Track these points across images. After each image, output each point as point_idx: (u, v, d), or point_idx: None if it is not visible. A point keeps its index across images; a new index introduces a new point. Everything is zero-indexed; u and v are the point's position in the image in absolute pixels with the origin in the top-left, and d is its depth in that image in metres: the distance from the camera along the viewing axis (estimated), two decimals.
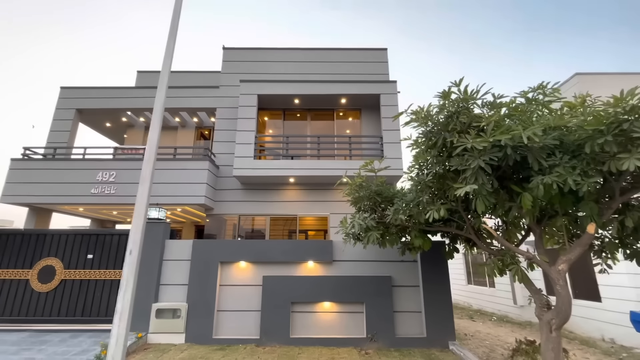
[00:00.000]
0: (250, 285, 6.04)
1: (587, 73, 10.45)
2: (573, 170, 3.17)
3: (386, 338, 5.63)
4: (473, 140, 3.26)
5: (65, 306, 6.17)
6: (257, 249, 6.18)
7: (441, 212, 3.84)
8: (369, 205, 5.02)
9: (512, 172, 3.90)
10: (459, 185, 3.49)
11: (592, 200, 3.52)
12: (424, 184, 4.04)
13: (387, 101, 9.66)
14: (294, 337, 5.67)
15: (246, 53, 11.31)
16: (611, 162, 3.08)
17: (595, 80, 9.93)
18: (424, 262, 6.03)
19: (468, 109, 3.60)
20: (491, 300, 11.84)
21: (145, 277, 5.98)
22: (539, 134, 3.08)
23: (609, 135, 2.93)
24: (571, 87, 10.72)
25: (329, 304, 5.94)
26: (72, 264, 6.40)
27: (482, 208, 3.58)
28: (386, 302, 5.83)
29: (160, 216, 6.42)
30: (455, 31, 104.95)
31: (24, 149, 9.42)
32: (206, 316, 5.77)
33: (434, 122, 3.73)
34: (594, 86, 9.68)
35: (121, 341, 3.15)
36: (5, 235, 6.60)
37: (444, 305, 5.85)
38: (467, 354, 5.07)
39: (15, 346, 5.06)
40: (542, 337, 3.93)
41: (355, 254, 6.17)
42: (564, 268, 3.71)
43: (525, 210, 3.67)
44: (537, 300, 4.05)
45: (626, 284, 6.60)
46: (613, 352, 6.11)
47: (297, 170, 9.00)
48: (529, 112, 3.71)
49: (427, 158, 4.09)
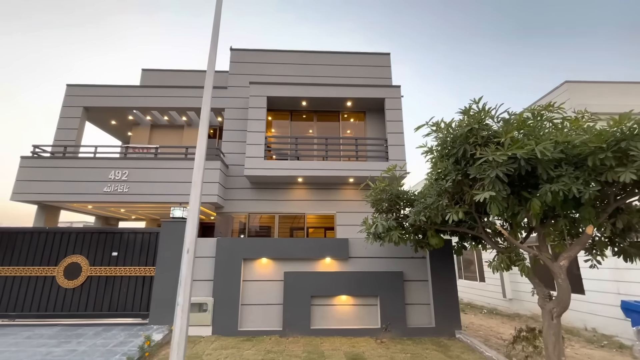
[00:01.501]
0: (271, 280, 6.43)
1: (576, 81, 11.07)
2: (577, 180, 3.69)
3: (398, 328, 6.15)
4: (493, 153, 3.74)
5: (92, 301, 6.42)
6: (278, 247, 6.57)
7: (460, 214, 4.33)
8: (387, 206, 5.50)
9: (520, 180, 4.41)
10: (477, 191, 3.98)
11: (590, 205, 4.06)
12: (443, 190, 4.52)
13: (391, 105, 10.13)
14: (314, 329, 6.12)
15: (253, 54, 11.55)
16: (608, 173, 3.61)
17: (585, 89, 10.54)
18: (432, 258, 6.55)
19: (487, 124, 4.08)
20: (481, 294, 12.60)
21: (173, 273, 6.30)
22: (550, 148, 3.58)
23: (609, 152, 3.45)
24: (560, 94, 11.31)
25: (346, 297, 6.41)
26: (97, 261, 6.64)
27: (496, 211, 4.08)
28: (398, 295, 6.34)
29: (184, 215, 6.71)
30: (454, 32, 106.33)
31: (33, 146, 9.47)
32: (231, 310, 6.14)
33: (455, 135, 4.20)
34: (583, 95, 10.39)
35: (184, 330, 3.50)
36: (29, 234, 6.77)
37: (450, 297, 6.40)
38: (474, 341, 5.63)
39: (53, 339, 5.32)
40: (544, 324, 4.49)
41: (369, 251, 6.64)
42: (565, 264, 4.27)
43: (532, 214, 4.19)
44: (539, 292, 4.61)
45: (608, 278, 7.27)
46: (595, 340, 6.79)
47: (306, 171, 9.39)
48: (538, 127, 4.22)
49: (445, 166, 4.57)
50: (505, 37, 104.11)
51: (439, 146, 4.67)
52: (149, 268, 6.63)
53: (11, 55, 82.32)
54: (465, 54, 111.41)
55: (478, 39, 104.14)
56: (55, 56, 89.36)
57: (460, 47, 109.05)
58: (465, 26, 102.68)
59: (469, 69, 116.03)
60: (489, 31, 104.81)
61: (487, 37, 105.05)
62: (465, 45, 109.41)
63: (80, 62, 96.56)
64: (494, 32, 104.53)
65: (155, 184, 8.87)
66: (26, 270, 6.50)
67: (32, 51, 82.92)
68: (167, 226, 6.63)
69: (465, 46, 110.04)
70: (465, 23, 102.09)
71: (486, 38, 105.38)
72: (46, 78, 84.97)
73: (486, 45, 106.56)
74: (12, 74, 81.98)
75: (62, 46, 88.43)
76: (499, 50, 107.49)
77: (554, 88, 11.81)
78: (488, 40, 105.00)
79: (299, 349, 5.27)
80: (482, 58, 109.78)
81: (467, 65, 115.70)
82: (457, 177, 4.40)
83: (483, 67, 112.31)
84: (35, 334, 5.55)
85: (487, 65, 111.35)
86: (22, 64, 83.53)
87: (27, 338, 5.36)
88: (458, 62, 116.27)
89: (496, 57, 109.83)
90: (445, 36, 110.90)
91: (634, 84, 10.24)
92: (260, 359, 4.81)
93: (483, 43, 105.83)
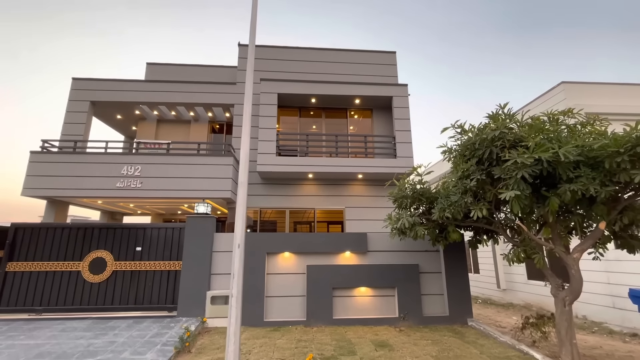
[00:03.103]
0: (294, 273, 6.71)
1: (572, 82, 11.54)
2: (594, 180, 4.07)
3: (415, 317, 6.53)
4: (520, 155, 4.08)
5: (118, 295, 6.57)
6: (299, 241, 6.84)
7: (484, 211, 4.69)
8: (409, 203, 5.83)
9: (540, 180, 4.79)
10: (502, 191, 4.33)
11: (602, 203, 4.46)
12: (468, 188, 4.85)
13: (399, 103, 10.42)
14: (336, 318, 6.44)
15: (262, 50, 11.61)
16: (621, 174, 4.00)
17: (582, 90, 10.98)
18: (446, 252, 6.94)
19: (511, 128, 4.42)
20: (476, 285, 13.21)
21: (199, 268, 6.50)
22: (572, 152, 3.94)
23: (625, 155, 3.83)
24: (556, 94, 11.78)
25: (365, 288, 6.75)
26: (121, 256, 6.77)
27: (517, 209, 4.42)
28: (414, 286, 6.72)
29: (208, 211, 6.88)
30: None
31: (42, 141, 9.39)
32: (257, 302, 6.40)
33: (482, 138, 4.52)
34: (579, 95, 10.86)
35: (239, 320, 3.74)
36: (52, 229, 6.83)
37: (462, 288, 6.83)
38: (487, 328, 6.07)
39: (88, 332, 5.47)
40: (556, 311, 4.91)
41: (386, 244, 6.99)
42: (578, 256, 4.69)
43: (550, 210, 4.57)
44: (552, 282, 5.03)
45: (597, 269, 7.79)
46: (586, 326, 7.36)
47: (316, 167, 9.62)
48: (557, 131, 4.57)
49: (469, 166, 4.89)
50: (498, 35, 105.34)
51: (461, 147, 5.01)
52: (173, 262, 6.80)
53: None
54: (452, 48, 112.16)
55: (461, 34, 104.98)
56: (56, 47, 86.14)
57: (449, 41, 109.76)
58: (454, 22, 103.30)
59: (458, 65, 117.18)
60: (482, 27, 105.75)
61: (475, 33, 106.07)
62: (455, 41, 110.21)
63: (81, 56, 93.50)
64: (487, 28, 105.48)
65: (169, 179, 8.94)
66: (51, 265, 6.58)
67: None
68: (191, 222, 6.80)
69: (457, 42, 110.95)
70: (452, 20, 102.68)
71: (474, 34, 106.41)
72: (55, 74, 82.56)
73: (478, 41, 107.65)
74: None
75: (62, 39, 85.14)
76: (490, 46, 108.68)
77: (551, 88, 12.21)
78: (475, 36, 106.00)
79: (326, 338, 5.58)
80: (466, 50, 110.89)
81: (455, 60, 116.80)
82: (481, 176, 4.74)
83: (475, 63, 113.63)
84: (69, 327, 5.69)
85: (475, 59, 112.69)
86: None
87: (62, 331, 5.50)
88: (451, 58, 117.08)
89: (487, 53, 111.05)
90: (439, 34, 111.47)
91: (629, 86, 10.79)
92: (294, 347, 5.10)
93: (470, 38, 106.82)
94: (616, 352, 5.84)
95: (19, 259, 6.59)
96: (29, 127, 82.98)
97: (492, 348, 5.21)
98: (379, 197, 10.41)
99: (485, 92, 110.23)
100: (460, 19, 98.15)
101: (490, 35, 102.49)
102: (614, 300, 7.83)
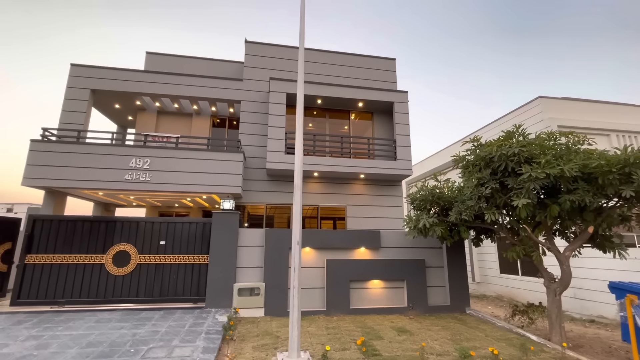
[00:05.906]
0: (314, 267, 7.21)
1: (549, 97, 12.81)
2: (588, 192, 4.96)
3: (421, 306, 7.31)
4: (533, 170, 4.86)
5: (143, 288, 6.72)
6: (319, 237, 7.34)
7: (496, 215, 5.48)
8: (425, 204, 6.55)
9: (542, 190, 5.65)
10: (514, 198, 5.12)
11: (591, 211, 5.40)
12: (483, 195, 5.61)
13: (400, 109, 11.14)
14: (352, 308, 7.06)
15: (268, 49, 11.82)
16: (609, 187, 4.90)
17: (557, 105, 12.18)
18: (448, 248, 7.77)
19: (525, 147, 5.21)
20: None
21: (226, 261, 6.81)
22: (575, 168, 4.78)
23: (615, 174, 4.72)
24: (533, 107, 12.96)
25: (377, 281, 7.41)
26: (145, 249, 6.90)
27: (524, 214, 5.25)
28: (421, 279, 7.49)
29: (232, 207, 7.17)
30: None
31: (43, 129, 9.07)
32: (281, 293, 6.84)
33: (501, 153, 5.27)
34: (555, 110, 12.12)
35: (299, 309, 4.21)
36: (73, 222, 6.79)
37: (461, 281, 7.70)
38: (485, 315, 6.97)
39: (125, 322, 5.65)
40: (548, 300, 5.85)
41: (396, 241, 7.69)
42: (569, 254, 5.63)
43: (549, 216, 5.44)
44: (545, 276, 5.95)
45: (578, 266, 9.01)
46: (566, 316, 8.55)
47: (321, 166, 10.12)
48: (559, 149, 5.42)
49: (484, 175, 5.65)
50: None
51: (475, 158, 5.78)
52: (197, 256, 7.04)
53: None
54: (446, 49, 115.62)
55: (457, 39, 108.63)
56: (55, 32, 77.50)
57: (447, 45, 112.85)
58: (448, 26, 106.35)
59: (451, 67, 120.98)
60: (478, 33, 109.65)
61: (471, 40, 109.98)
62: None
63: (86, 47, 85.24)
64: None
65: (178, 173, 8.99)
66: (74, 258, 6.58)
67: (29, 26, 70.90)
68: (218, 217, 7.06)
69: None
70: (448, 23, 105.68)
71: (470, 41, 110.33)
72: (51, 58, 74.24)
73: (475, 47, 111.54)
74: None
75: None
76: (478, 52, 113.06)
77: (528, 102, 13.30)
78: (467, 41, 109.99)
79: (350, 325, 6.17)
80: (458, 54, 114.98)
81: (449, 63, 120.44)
82: (495, 185, 5.52)
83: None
84: (102, 319, 5.81)
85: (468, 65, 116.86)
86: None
87: (97, 322, 5.63)
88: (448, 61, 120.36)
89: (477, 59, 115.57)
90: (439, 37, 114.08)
91: (600, 104, 12.25)
92: (325, 333, 5.64)
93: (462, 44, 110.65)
94: (585, 334, 6.98)
95: (38, 252, 6.52)
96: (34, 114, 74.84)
97: (494, 332, 6.08)
98: (379, 196, 11.14)
99: (477, 90, 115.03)
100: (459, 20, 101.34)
101: (490, 35, 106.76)
102: (575, 291, 9.12)
